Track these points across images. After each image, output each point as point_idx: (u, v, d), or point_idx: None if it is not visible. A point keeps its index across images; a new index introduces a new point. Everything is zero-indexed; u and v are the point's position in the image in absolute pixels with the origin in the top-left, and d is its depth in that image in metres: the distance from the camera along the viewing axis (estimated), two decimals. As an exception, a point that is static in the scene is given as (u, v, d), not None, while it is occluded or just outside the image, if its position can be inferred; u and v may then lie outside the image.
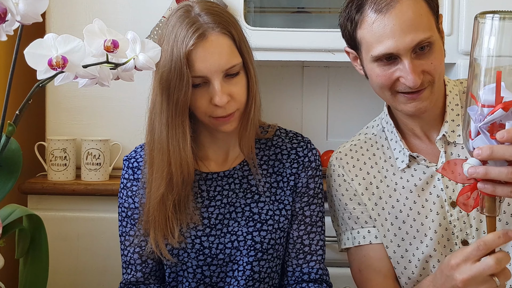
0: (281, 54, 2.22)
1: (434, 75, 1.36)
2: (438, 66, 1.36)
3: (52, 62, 1.04)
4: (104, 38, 1.09)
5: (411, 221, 1.45)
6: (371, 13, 1.34)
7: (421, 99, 1.37)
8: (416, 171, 1.46)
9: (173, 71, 1.31)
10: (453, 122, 1.44)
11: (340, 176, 1.53)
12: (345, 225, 1.53)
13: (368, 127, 1.60)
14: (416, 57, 1.34)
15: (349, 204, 1.51)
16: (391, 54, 1.33)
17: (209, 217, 1.45)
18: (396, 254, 1.47)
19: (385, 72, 1.36)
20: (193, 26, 1.32)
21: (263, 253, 1.43)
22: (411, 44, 1.31)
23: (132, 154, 1.52)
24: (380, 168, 1.51)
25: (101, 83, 1.14)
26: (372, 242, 1.49)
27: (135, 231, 1.47)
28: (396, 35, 1.32)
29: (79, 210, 2.15)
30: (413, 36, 1.31)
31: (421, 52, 1.34)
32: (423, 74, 1.34)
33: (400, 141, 1.47)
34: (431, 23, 1.35)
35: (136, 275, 1.48)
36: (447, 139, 1.44)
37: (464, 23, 2.13)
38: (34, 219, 1.29)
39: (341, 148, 1.57)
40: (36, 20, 1.02)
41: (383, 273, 1.49)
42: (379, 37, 1.33)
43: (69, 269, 2.13)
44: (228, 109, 1.36)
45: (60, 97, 2.25)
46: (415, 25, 1.31)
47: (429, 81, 1.36)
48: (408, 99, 1.37)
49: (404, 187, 1.47)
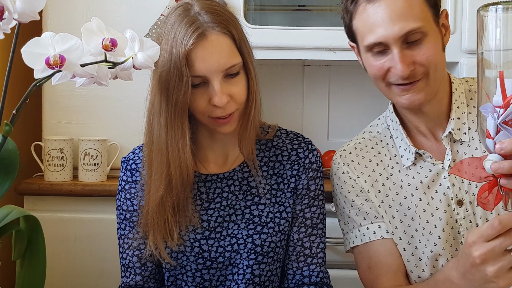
0: (281, 53, 2.23)
1: (427, 67, 1.35)
2: (432, 57, 1.35)
3: (49, 61, 1.03)
4: (102, 36, 1.08)
5: (418, 219, 1.44)
6: (363, 3, 1.35)
7: (415, 91, 1.37)
8: (422, 168, 1.45)
9: (172, 71, 1.30)
10: (459, 120, 1.44)
11: (345, 173, 1.52)
12: (352, 222, 1.52)
13: (372, 125, 1.59)
14: (408, 47, 1.34)
15: (356, 200, 1.50)
16: (381, 43, 1.34)
17: (208, 219, 1.44)
18: (406, 251, 1.46)
19: (377, 62, 1.37)
20: (192, 25, 1.31)
21: (264, 256, 1.42)
22: (400, 33, 1.32)
23: (130, 156, 1.51)
24: (385, 166, 1.50)
25: (99, 82, 1.13)
26: (383, 236, 1.48)
27: (133, 234, 1.46)
28: (385, 23, 1.32)
29: (77, 211, 2.15)
30: (403, 25, 1.31)
31: (413, 42, 1.34)
32: (414, 65, 1.34)
33: (406, 138, 1.47)
34: (425, 14, 1.34)
35: (135, 278, 1.47)
36: (453, 137, 1.43)
37: (467, 21, 2.14)
38: (31, 220, 1.29)
39: (345, 146, 1.57)
40: (33, 18, 1.01)
41: (394, 269, 1.47)
42: (370, 26, 1.35)
43: (67, 271, 2.13)
44: (228, 109, 1.35)
45: (57, 96, 2.25)
46: (404, 14, 1.32)
47: (423, 73, 1.36)
48: (401, 91, 1.37)
49: (409, 184, 1.46)
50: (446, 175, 1.42)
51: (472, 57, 2.01)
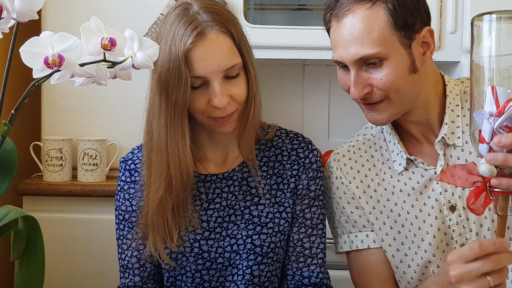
0: (281, 52, 2.22)
1: (386, 91, 1.33)
2: (389, 83, 1.32)
3: (48, 61, 1.03)
4: (101, 36, 1.08)
5: (409, 225, 1.44)
6: (332, 18, 1.36)
7: (378, 111, 1.36)
8: (414, 174, 1.44)
9: (171, 70, 1.30)
10: (453, 124, 1.42)
11: (338, 178, 1.52)
12: (342, 228, 1.52)
13: (367, 127, 1.58)
14: (366, 70, 1.33)
15: (346, 207, 1.50)
16: (340, 62, 1.34)
17: (208, 220, 1.43)
18: (395, 258, 1.46)
19: (342, 78, 1.39)
20: (191, 24, 1.30)
21: (263, 256, 1.42)
22: (354, 57, 1.31)
23: (129, 156, 1.50)
24: (378, 170, 1.49)
25: (98, 82, 1.13)
26: (370, 246, 1.48)
27: (132, 235, 1.45)
28: (342, 45, 1.32)
29: (76, 211, 2.14)
30: (357, 49, 1.30)
31: (372, 66, 1.32)
32: (371, 87, 1.33)
33: (398, 144, 1.45)
34: (387, 39, 1.30)
35: (134, 279, 1.46)
36: (446, 142, 1.41)
37: (468, 21, 2.13)
38: (29, 220, 1.29)
39: (339, 149, 1.56)
40: (32, 17, 1.02)
41: (382, 277, 1.48)
42: (334, 43, 1.36)
43: (66, 272, 2.13)
44: (228, 109, 1.34)
45: (56, 96, 2.25)
46: (361, 39, 1.30)
47: (383, 95, 1.34)
48: (366, 109, 1.38)
49: (401, 190, 1.45)
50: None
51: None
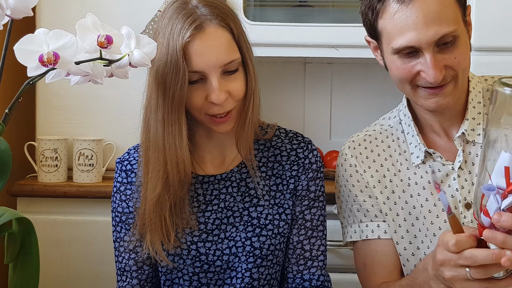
0: (282, 50, 2.22)
1: (457, 70, 1.33)
2: (462, 61, 1.33)
3: (43, 59, 1.03)
4: (98, 33, 1.08)
5: (423, 219, 1.43)
6: (393, 3, 1.32)
7: (443, 95, 1.35)
8: (431, 168, 1.44)
9: (169, 64, 1.29)
10: (474, 120, 1.42)
11: (352, 166, 1.51)
12: (353, 217, 1.51)
13: (384, 118, 1.58)
14: (439, 51, 1.31)
15: (359, 195, 1.49)
16: (413, 47, 1.31)
17: (205, 222, 1.42)
18: (407, 251, 1.45)
19: (406, 65, 1.34)
20: (190, 17, 1.30)
21: (263, 259, 1.41)
22: (434, 37, 1.29)
23: (125, 156, 1.49)
24: (394, 161, 1.49)
25: (94, 81, 1.13)
26: (380, 237, 1.47)
27: (129, 237, 1.45)
28: (418, 27, 1.29)
29: (71, 213, 2.14)
30: (437, 29, 1.29)
31: (445, 46, 1.31)
32: (445, 69, 1.32)
33: (417, 136, 1.45)
34: (457, 15, 1.32)
35: (132, 282, 1.46)
36: (466, 138, 1.41)
37: (474, 18, 2.11)
38: (24, 222, 1.27)
39: (355, 137, 1.55)
40: (26, 14, 1.02)
41: (388, 268, 1.47)
42: (401, 29, 1.31)
43: (61, 275, 2.13)
44: (225, 106, 1.33)
45: (51, 95, 2.24)
46: (439, 18, 1.29)
47: (452, 76, 1.34)
48: (429, 94, 1.35)
49: (417, 183, 1.44)
50: (455, 176, 1.41)
51: (479, 55, 1.98)
